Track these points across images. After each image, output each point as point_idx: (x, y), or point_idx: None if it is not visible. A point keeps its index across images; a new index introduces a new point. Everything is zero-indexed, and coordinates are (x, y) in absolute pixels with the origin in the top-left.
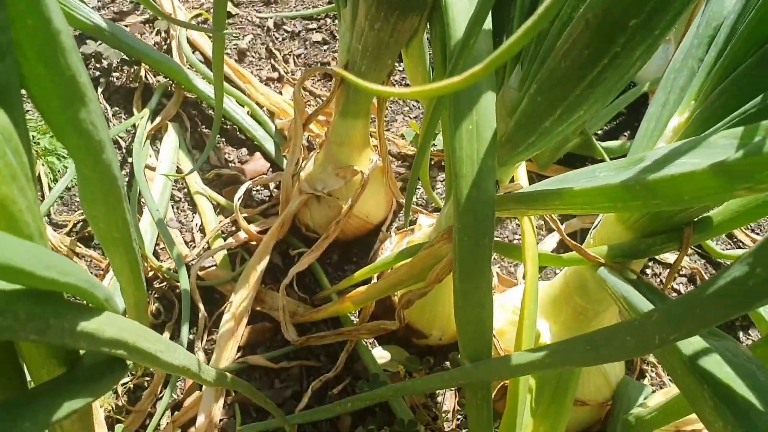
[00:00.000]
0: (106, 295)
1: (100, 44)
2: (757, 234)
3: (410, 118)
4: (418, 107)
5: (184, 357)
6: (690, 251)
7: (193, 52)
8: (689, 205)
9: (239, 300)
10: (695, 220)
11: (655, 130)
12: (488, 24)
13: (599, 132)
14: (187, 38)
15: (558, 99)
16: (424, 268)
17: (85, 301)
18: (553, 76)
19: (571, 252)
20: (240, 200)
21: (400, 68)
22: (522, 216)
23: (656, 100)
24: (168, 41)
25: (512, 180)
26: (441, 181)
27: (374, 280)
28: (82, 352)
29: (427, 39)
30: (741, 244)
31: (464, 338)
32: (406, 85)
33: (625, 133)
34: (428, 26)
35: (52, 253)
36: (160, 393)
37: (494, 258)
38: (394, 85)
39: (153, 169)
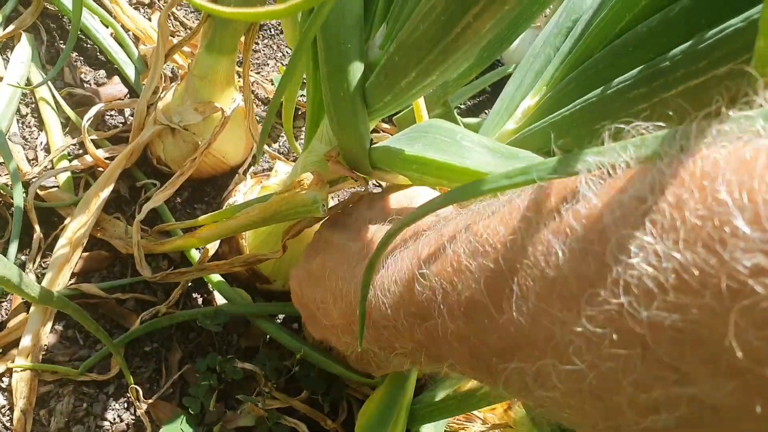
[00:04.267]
0: None
1: None
2: None
3: (282, 64)
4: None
5: (3, 267)
6: None
7: None
8: None
9: (77, 225)
10: None
11: (507, 110)
12: None
13: (462, 107)
14: None
15: (414, 61)
16: (277, 213)
17: None
18: (411, 38)
19: None
20: (89, 121)
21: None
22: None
23: (512, 81)
24: None
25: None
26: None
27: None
28: None
29: None
30: None
31: None
32: (281, 31)
33: (486, 111)
34: None
35: None
36: None
37: None
38: (268, 29)
39: (0, 79)
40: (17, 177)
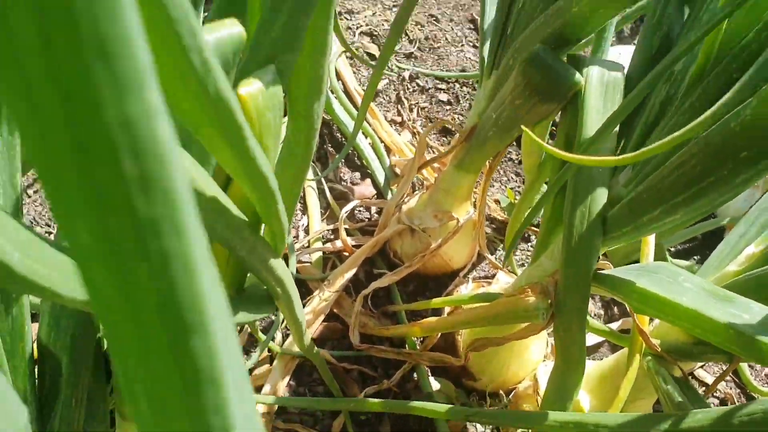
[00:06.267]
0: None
1: None
2: None
3: (510, 188)
4: (516, 179)
5: (302, 315)
6: (728, 377)
7: (337, 80)
8: None
9: (323, 298)
10: None
11: (729, 253)
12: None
13: (671, 249)
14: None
15: (662, 200)
16: (498, 314)
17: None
18: (663, 181)
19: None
20: (346, 214)
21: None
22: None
23: (736, 230)
24: None
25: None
26: (521, 250)
27: (444, 315)
28: (246, 284)
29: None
30: None
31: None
32: (510, 160)
33: (695, 257)
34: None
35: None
36: None
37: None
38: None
39: None
40: (293, 249)
